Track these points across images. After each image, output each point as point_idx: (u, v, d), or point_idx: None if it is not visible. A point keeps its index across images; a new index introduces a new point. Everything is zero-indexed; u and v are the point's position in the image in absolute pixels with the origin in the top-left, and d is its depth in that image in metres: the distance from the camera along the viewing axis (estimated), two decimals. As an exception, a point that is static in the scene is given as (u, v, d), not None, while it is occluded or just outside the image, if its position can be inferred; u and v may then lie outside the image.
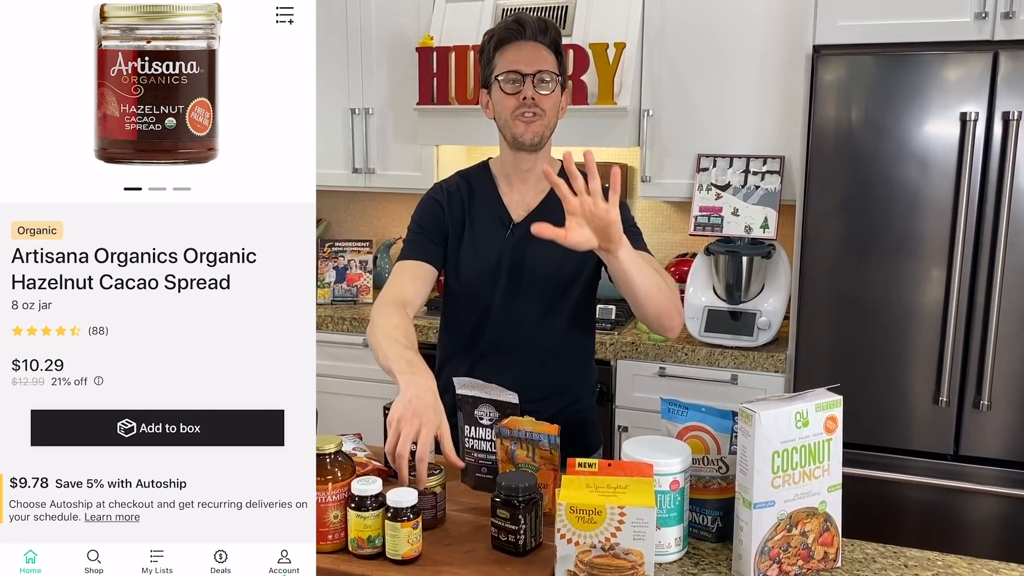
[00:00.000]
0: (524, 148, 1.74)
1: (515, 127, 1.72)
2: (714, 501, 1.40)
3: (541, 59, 1.71)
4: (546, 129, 1.74)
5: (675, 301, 1.65)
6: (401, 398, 1.39)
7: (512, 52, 1.72)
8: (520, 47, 1.72)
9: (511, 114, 1.71)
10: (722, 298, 2.77)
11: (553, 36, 1.75)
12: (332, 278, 3.33)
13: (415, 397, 1.39)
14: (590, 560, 1.20)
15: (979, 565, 1.33)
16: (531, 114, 1.70)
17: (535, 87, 1.69)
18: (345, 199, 3.73)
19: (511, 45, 1.72)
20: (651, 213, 3.28)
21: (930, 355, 2.37)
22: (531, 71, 1.69)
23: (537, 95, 1.69)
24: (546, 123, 1.73)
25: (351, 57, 3.24)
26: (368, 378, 3.10)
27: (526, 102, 1.69)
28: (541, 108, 1.71)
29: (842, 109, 2.37)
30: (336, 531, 1.30)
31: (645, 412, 2.74)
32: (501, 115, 1.74)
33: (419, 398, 1.39)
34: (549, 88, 1.71)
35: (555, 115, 1.75)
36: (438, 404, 1.41)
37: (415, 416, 1.36)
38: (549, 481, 1.41)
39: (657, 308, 1.60)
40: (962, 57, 2.25)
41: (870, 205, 2.38)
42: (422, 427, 1.35)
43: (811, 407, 1.28)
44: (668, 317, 1.64)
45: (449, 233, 1.81)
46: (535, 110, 1.70)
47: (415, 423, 1.35)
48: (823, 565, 1.32)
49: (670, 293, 1.64)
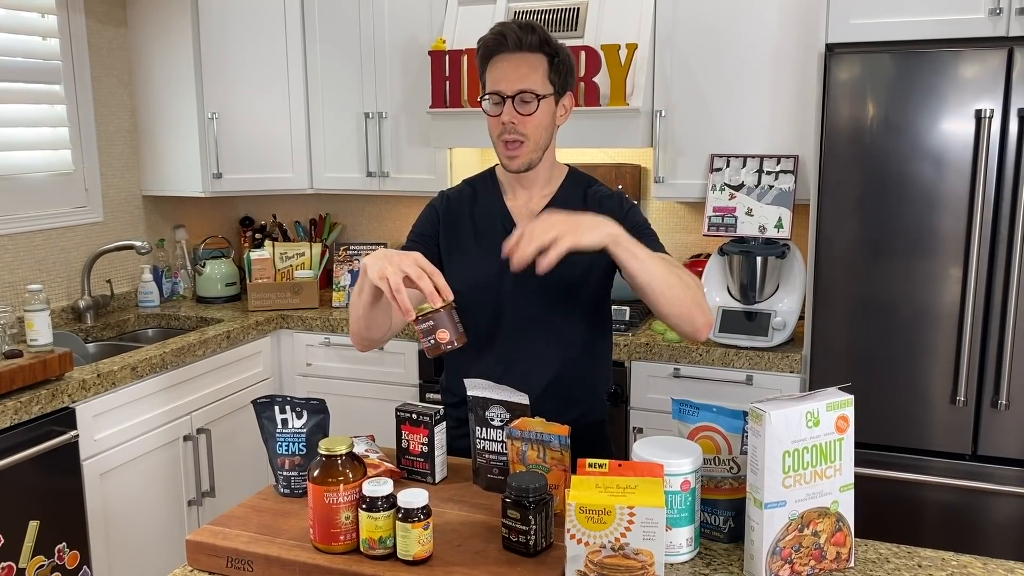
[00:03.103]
0: (512, 172, 1.74)
1: (501, 153, 1.72)
2: (726, 501, 1.39)
3: (523, 75, 1.67)
4: (533, 153, 1.71)
5: (697, 299, 1.57)
6: (371, 260, 1.45)
7: (496, 68, 1.69)
8: (504, 61, 1.68)
9: (497, 137, 1.71)
10: (736, 298, 2.76)
11: (539, 38, 1.68)
12: (347, 281, 3.34)
13: (379, 253, 1.46)
14: (600, 560, 1.20)
15: (994, 565, 1.32)
16: (514, 142, 1.68)
17: (516, 108, 1.67)
18: (360, 202, 3.74)
19: (496, 59, 1.70)
20: (665, 214, 3.27)
21: (947, 354, 2.35)
22: (512, 92, 1.66)
23: (517, 118, 1.67)
24: (531, 147, 1.70)
25: (364, 62, 3.26)
26: (381, 380, 3.11)
27: (506, 127, 1.67)
28: (522, 133, 1.68)
29: (856, 108, 2.36)
30: (348, 532, 1.31)
31: (660, 413, 2.74)
32: (491, 135, 1.74)
33: (383, 252, 1.46)
34: (531, 108, 1.67)
35: (542, 134, 1.71)
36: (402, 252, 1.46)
37: (387, 260, 1.42)
38: (560, 482, 1.41)
39: (676, 307, 1.54)
40: (977, 54, 2.24)
41: (885, 204, 2.36)
42: (402, 262, 1.41)
43: (822, 406, 1.27)
44: (689, 318, 1.56)
45: (442, 240, 1.80)
46: (516, 136, 1.68)
47: (394, 261, 1.42)
48: (836, 565, 1.32)
49: (687, 290, 1.55)
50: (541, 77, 1.68)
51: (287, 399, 1.53)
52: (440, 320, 1.41)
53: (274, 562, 1.31)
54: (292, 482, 1.53)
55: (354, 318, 1.66)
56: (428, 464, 1.56)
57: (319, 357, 3.20)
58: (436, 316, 1.41)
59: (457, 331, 1.43)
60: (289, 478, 1.53)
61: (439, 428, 1.56)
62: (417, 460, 1.57)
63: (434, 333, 1.41)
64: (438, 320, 1.41)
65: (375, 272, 1.43)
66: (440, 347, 1.42)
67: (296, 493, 1.52)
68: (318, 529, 1.31)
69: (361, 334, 1.68)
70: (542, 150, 1.73)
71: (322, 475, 1.30)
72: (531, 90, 1.67)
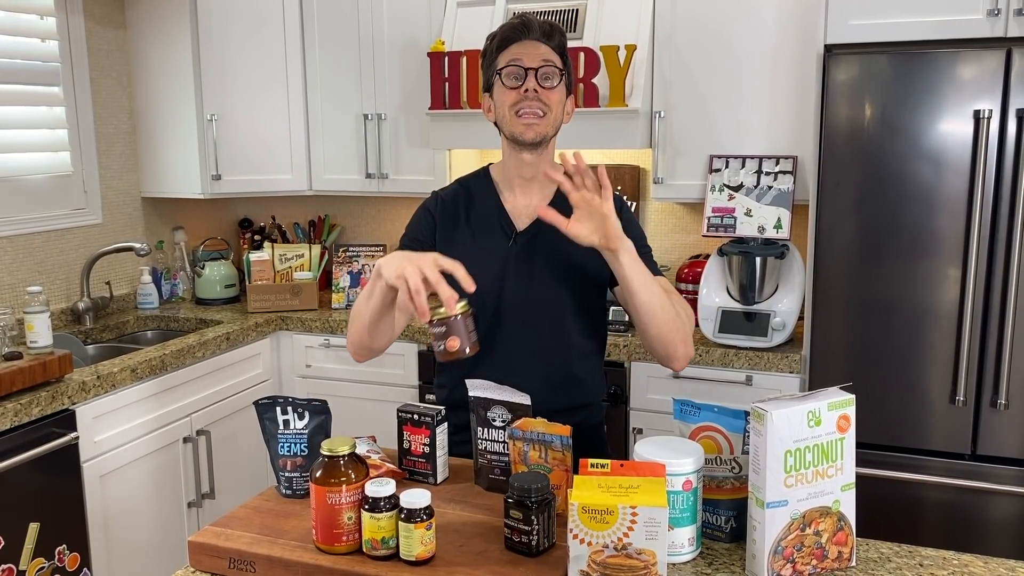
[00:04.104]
0: (524, 145, 1.67)
1: (514, 124, 1.66)
2: (727, 501, 1.40)
3: (544, 54, 1.67)
4: (549, 127, 1.68)
5: (682, 329, 1.62)
6: (386, 260, 1.42)
7: (515, 48, 1.67)
8: (524, 45, 1.67)
9: (511, 108, 1.66)
10: (736, 299, 2.76)
11: (559, 40, 1.70)
12: (346, 282, 3.35)
13: (396, 254, 1.43)
14: (603, 560, 1.20)
15: (995, 564, 1.32)
16: (533, 113, 1.65)
17: (539, 81, 1.65)
18: (359, 204, 3.75)
19: (515, 44, 1.68)
20: (664, 214, 3.28)
21: (946, 354, 2.36)
22: (535, 65, 1.65)
23: (541, 88, 1.65)
24: (550, 121, 1.67)
25: (363, 63, 3.26)
26: (382, 382, 3.11)
27: (528, 95, 1.64)
28: (545, 104, 1.65)
29: (855, 108, 2.36)
30: (350, 533, 1.31)
31: (660, 414, 2.74)
32: (501, 110, 1.69)
33: (400, 253, 1.42)
34: (554, 83, 1.66)
35: (560, 113, 1.69)
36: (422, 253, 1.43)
37: (406, 259, 1.38)
38: (562, 482, 1.42)
39: (660, 329, 1.59)
40: (975, 54, 2.24)
41: (884, 204, 2.37)
42: (421, 262, 1.37)
43: (823, 406, 1.27)
44: (671, 343, 1.61)
45: (438, 243, 1.76)
46: (539, 105, 1.65)
47: (413, 260, 1.37)
48: (837, 564, 1.32)
49: (676, 318, 1.60)
50: (558, 63, 1.69)
51: (289, 400, 1.53)
52: (453, 327, 1.38)
53: (276, 563, 1.31)
54: (294, 483, 1.53)
55: (357, 326, 1.63)
56: (430, 465, 1.56)
57: (319, 359, 3.20)
58: (449, 323, 1.38)
59: (470, 340, 1.40)
60: (291, 479, 1.53)
61: (440, 429, 1.56)
62: (419, 461, 1.57)
63: (445, 340, 1.38)
64: (451, 327, 1.38)
65: (392, 271, 1.38)
66: (451, 354, 1.39)
67: (298, 494, 1.52)
68: (320, 530, 1.31)
69: (363, 342, 1.64)
70: (555, 129, 1.70)
71: (324, 476, 1.30)
72: (555, 64, 1.67)
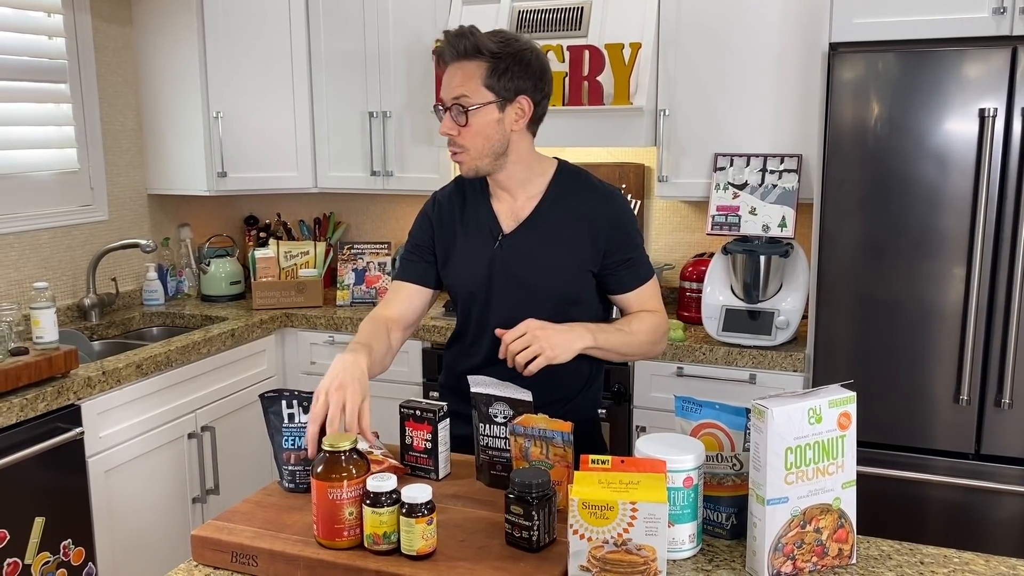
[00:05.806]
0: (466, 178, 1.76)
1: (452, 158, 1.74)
2: (728, 498, 1.40)
3: (456, 85, 1.64)
4: (477, 161, 1.68)
5: (657, 348, 1.80)
6: (330, 372, 1.48)
7: (443, 76, 1.69)
8: (446, 72, 1.68)
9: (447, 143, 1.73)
10: (740, 297, 2.76)
11: (471, 43, 1.62)
12: (352, 280, 3.35)
13: (342, 371, 1.47)
14: (603, 556, 1.20)
15: (996, 562, 1.32)
16: (455, 152, 1.70)
17: (453, 117, 1.66)
18: (364, 202, 3.75)
19: (443, 70, 1.70)
20: (668, 213, 3.28)
21: (950, 354, 2.35)
22: (448, 102, 1.66)
23: (450, 129, 1.66)
24: (473, 155, 1.68)
25: (369, 61, 3.27)
26: (385, 379, 3.09)
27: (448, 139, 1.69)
28: (459, 145, 1.67)
29: (859, 107, 2.36)
30: (352, 527, 1.31)
31: (663, 412, 2.74)
32: None
33: (346, 371, 1.47)
34: (461, 120, 1.64)
35: (482, 142, 1.66)
36: (364, 379, 1.49)
37: (340, 389, 1.44)
38: (563, 478, 1.42)
39: (643, 356, 1.83)
40: (980, 53, 2.24)
41: (888, 203, 2.36)
42: (347, 399, 1.44)
43: (824, 403, 1.27)
44: (651, 355, 1.83)
45: (438, 247, 1.81)
46: (455, 147, 1.69)
47: (340, 395, 1.44)
48: (838, 562, 1.32)
49: (651, 346, 1.78)
50: (477, 85, 1.63)
51: (295, 393, 1.54)
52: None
53: (278, 557, 1.32)
54: (297, 476, 1.53)
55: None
56: (432, 460, 1.57)
57: (323, 355, 3.21)
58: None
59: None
60: (294, 472, 1.53)
61: (443, 424, 1.57)
62: (421, 456, 1.58)
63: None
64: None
65: (320, 388, 1.45)
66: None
67: (301, 488, 1.53)
68: (322, 524, 1.32)
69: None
70: (489, 157, 1.69)
71: (326, 471, 1.31)
72: (462, 100, 1.64)
